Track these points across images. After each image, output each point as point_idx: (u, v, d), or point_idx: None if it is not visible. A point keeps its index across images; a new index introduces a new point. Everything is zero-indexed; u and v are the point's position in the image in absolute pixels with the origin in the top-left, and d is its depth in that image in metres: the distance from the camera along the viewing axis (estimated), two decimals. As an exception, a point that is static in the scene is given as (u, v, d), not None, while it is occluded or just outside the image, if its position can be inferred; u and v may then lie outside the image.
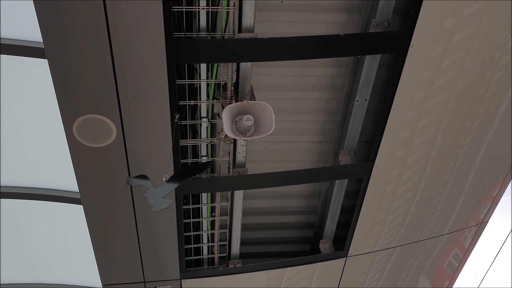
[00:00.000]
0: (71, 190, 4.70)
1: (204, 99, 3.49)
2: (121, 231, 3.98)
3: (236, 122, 3.26)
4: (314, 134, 4.21)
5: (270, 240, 5.00)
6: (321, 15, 3.47)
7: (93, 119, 3.19)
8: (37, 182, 4.70)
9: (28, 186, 4.72)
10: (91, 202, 3.71)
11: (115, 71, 2.98)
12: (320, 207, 4.74)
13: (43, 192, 4.71)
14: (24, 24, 3.53)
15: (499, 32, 3.34)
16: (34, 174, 4.65)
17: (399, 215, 4.61)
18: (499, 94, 3.77)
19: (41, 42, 3.10)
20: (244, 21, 3.06)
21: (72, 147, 3.31)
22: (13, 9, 3.45)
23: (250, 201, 4.55)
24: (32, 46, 3.63)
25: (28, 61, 3.71)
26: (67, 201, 4.74)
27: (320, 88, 3.91)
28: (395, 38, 3.22)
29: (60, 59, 2.88)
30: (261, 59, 3.29)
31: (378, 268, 5.28)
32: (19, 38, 3.60)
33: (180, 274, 4.45)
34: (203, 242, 4.47)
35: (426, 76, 3.44)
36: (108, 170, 3.53)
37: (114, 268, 4.32)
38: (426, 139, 3.92)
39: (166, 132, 3.34)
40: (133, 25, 2.81)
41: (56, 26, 2.74)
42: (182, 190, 3.76)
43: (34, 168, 4.63)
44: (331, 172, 4.17)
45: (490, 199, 5.03)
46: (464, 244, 5.59)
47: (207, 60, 3.24)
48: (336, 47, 3.22)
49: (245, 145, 3.73)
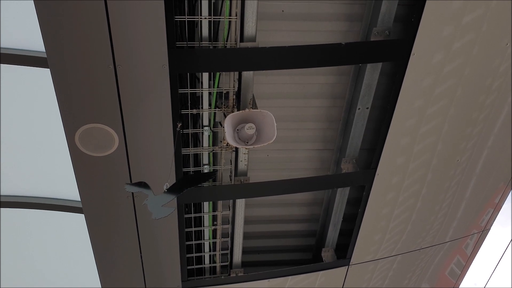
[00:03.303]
0: (71, 199, 4.69)
1: (206, 107, 3.49)
2: (123, 240, 3.97)
3: (238, 130, 3.26)
4: (316, 142, 4.21)
5: (272, 249, 4.98)
6: (322, 24, 3.48)
7: (95, 128, 3.18)
8: (37, 191, 4.70)
9: (28, 195, 4.71)
10: (93, 211, 3.70)
11: (118, 80, 2.98)
12: (322, 215, 4.73)
13: (43, 201, 4.70)
14: (27, 34, 3.54)
15: (499, 39, 3.35)
16: (34, 183, 4.64)
17: (400, 222, 4.60)
18: (499, 101, 3.77)
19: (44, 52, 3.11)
20: (246, 30, 3.08)
21: (74, 156, 3.30)
22: (17, 18, 3.46)
23: (251, 209, 4.54)
24: (33, 55, 3.65)
25: (29, 71, 3.73)
26: (67, 210, 4.73)
27: (321, 96, 3.92)
28: (397, 46, 3.23)
29: (63, 68, 2.88)
30: (263, 68, 3.30)
31: (380, 275, 5.26)
32: (22, 47, 3.61)
33: (182, 283, 4.43)
34: (204, 251, 4.46)
35: (427, 83, 3.45)
36: (110, 179, 3.52)
37: (115, 277, 4.30)
38: (426, 146, 3.92)
39: (168, 141, 3.34)
40: (136, 34, 2.82)
41: (59, 35, 2.75)
42: (184, 199, 3.75)
43: (34, 177, 4.62)
44: (334, 180, 4.17)
45: (492, 206, 5.02)
46: (466, 252, 5.57)
47: (210, 69, 3.24)
48: (337, 56, 3.23)
49: (247, 153, 3.73)
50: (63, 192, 4.62)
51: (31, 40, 3.55)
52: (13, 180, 4.54)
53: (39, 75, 3.69)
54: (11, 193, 4.63)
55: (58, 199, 4.67)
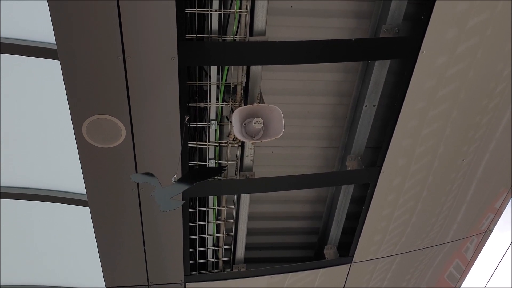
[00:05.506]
0: (76, 192, 4.69)
1: (214, 101, 3.49)
2: (127, 233, 3.97)
3: (245, 125, 3.26)
4: (321, 139, 4.21)
5: (274, 246, 4.98)
6: (330, 21, 3.49)
7: (103, 119, 3.18)
8: (41, 183, 4.69)
9: (31, 187, 4.71)
10: (98, 203, 3.69)
11: (127, 72, 2.98)
12: (325, 212, 4.73)
13: (46, 193, 4.70)
14: (38, 25, 3.54)
15: (503, 43, 3.35)
16: (38, 175, 4.64)
17: (400, 224, 4.60)
18: (502, 105, 3.78)
19: (52, 43, 3.11)
20: (256, 24, 3.08)
21: (81, 147, 3.30)
22: (28, 9, 3.46)
23: (254, 205, 4.54)
24: (41, 46, 3.65)
25: (37, 62, 3.72)
26: (70, 203, 4.73)
27: (327, 93, 3.92)
28: (406, 43, 3.24)
29: (72, 58, 2.88)
30: (272, 62, 3.30)
31: (379, 277, 5.26)
32: (31, 39, 3.61)
33: (185, 277, 4.43)
34: (208, 245, 4.46)
35: (430, 85, 3.45)
36: (116, 171, 3.52)
37: (118, 271, 4.30)
38: (428, 148, 3.92)
39: (175, 134, 3.34)
40: (146, 26, 2.82)
41: (70, 26, 2.75)
42: (189, 193, 3.75)
43: (38, 169, 4.62)
44: (339, 177, 4.17)
45: (493, 211, 5.01)
46: (466, 256, 5.57)
47: (219, 62, 3.24)
48: (347, 52, 3.23)
49: (253, 148, 3.73)
50: (68, 185, 4.62)
51: (41, 31, 3.55)
52: (18, 171, 4.54)
53: (47, 66, 3.68)
54: (16, 184, 4.62)
55: (63, 192, 4.67)
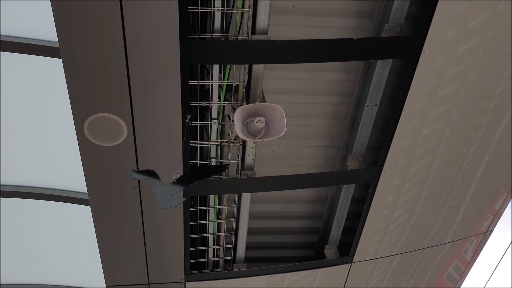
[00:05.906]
0: (76, 190, 4.69)
1: (215, 100, 3.49)
2: (128, 232, 3.97)
3: (247, 124, 3.25)
4: (322, 138, 4.21)
5: (275, 245, 4.98)
6: (332, 20, 3.49)
7: (105, 118, 3.18)
8: (42, 181, 4.69)
9: (32, 186, 4.70)
10: (99, 202, 3.69)
11: (129, 70, 2.98)
12: (326, 212, 4.73)
13: (47, 192, 4.70)
14: (40, 24, 3.53)
15: (504, 44, 3.36)
16: (39, 173, 4.64)
17: (400, 224, 4.60)
18: (502, 106, 3.78)
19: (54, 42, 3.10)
20: (258, 23, 3.08)
21: (82, 146, 3.29)
22: (29, 8, 3.45)
23: (255, 205, 4.54)
24: (43, 45, 3.64)
25: (38, 61, 3.72)
26: (71, 201, 4.73)
27: (328, 92, 3.92)
28: (408, 43, 3.23)
29: (74, 56, 2.87)
30: (275, 61, 3.30)
31: (379, 277, 5.26)
32: (32, 37, 3.61)
33: (185, 276, 4.42)
34: (208, 244, 4.46)
35: (430, 85, 3.45)
36: (117, 169, 3.52)
37: (119, 270, 4.30)
38: (428, 149, 3.92)
39: (176, 133, 3.34)
40: (149, 24, 2.82)
41: (72, 24, 2.75)
42: (190, 192, 3.75)
43: (39, 167, 4.62)
44: (341, 176, 4.17)
45: (492, 212, 5.01)
46: (466, 256, 5.57)
47: (221, 61, 3.24)
48: (349, 51, 3.23)
49: (254, 147, 3.73)
50: (69, 184, 4.62)
51: (43, 29, 3.55)
52: (19, 170, 4.53)
53: (49, 65, 3.68)
54: (16, 183, 4.62)
55: (64, 190, 4.66)
